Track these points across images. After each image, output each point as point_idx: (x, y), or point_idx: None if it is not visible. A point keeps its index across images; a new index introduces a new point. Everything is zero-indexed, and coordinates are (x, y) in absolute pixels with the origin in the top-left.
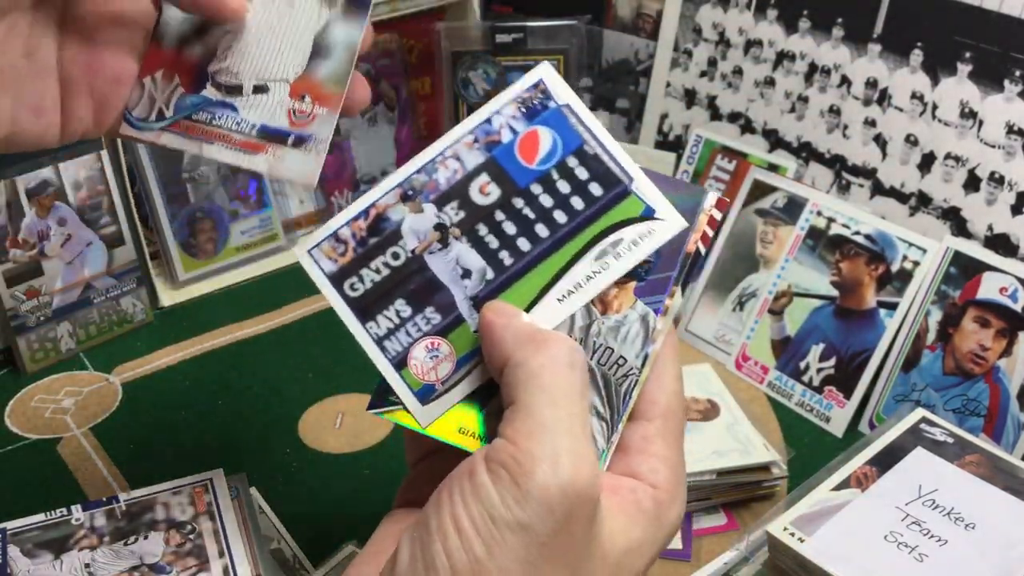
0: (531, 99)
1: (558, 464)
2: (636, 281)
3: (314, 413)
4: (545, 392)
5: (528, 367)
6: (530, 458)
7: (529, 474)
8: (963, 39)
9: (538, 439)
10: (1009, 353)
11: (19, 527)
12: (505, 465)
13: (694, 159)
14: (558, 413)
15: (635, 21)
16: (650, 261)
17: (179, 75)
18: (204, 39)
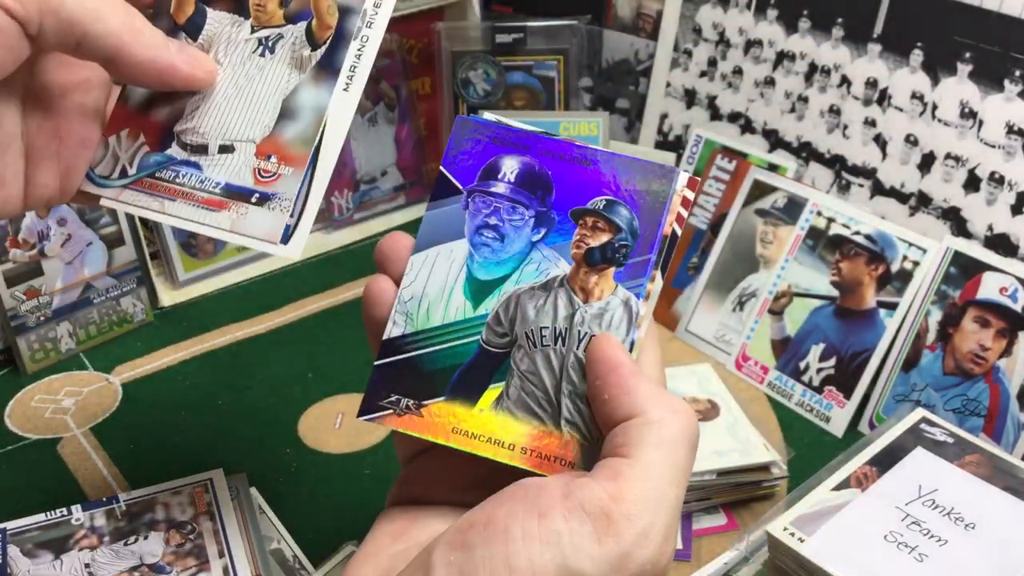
0: None
1: (650, 542)
2: (615, 267)
3: (314, 413)
4: (669, 466)
5: (664, 432)
6: (627, 522)
7: (618, 537)
8: (963, 39)
9: (644, 507)
10: (1009, 353)
11: (19, 527)
12: (593, 516)
13: (694, 159)
14: (672, 492)
15: (635, 21)
16: (628, 245)
17: (144, 134)
18: (172, 100)
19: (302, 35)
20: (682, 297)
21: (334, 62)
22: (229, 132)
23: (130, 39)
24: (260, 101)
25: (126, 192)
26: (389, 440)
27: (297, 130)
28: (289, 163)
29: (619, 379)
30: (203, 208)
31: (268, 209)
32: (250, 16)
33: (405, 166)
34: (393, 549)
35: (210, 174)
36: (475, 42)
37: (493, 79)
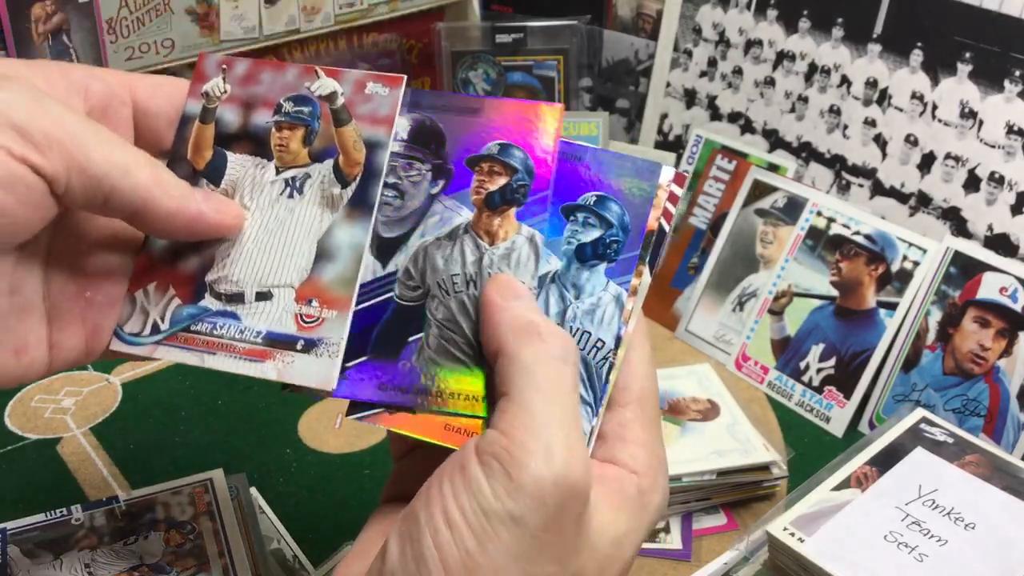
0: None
1: (552, 456)
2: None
3: (314, 413)
4: (539, 387)
5: (522, 361)
6: (523, 450)
7: (522, 466)
8: (963, 39)
9: (532, 432)
10: (1009, 353)
11: (19, 527)
12: (498, 457)
13: (694, 159)
14: (551, 408)
15: (635, 21)
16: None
17: (174, 286)
18: (200, 249)
19: (330, 173)
20: (682, 297)
21: (367, 198)
22: (265, 278)
23: (158, 192)
24: (294, 244)
25: (160, 348)
26: (389, 440)
27: (336, 271)
28: (331, 306)
29: (488, 317)
30: (245, 359)
31: (315, 356)
32: (273, 157)
33: None
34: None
35: (249, 323)
36: (475, 42)
37: (493, 79)
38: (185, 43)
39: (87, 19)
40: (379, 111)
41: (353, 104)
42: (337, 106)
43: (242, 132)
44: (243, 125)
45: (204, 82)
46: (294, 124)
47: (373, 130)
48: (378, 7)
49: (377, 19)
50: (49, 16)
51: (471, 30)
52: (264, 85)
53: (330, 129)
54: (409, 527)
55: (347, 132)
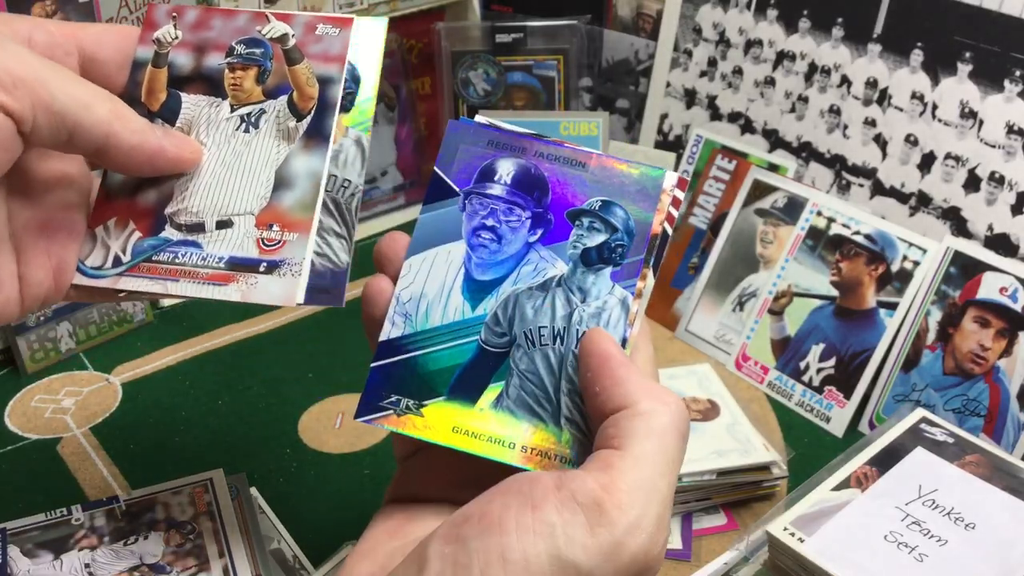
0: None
1: (643, 531)
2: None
3: (314, 413)
4: (660, 456)
5: (653, 423)
6: (619, 512)
7: (611, 527)
8: (963, 39)
9: (635, 498)
10: (1009, 353)
11: (19, 527)
12: (585, 508)
13: (694, 159)
14: (662, 482)
15: (635, 21)
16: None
17: (134, 221)
18: (158, 184)
19: (284, 108)
20: (682, 297)
21: (322, 129)
22: (225, 208)
23: (119, 126)
24: (252, 174)
25: (123, 279)
26: (389, 440)
27: (295, 197)
28: (292, 229)
29: (609, 371)
30: (209, 284)
31: (279, 275)
32: (227, 96)
33: (405, 166)
34: (389, 546)
35: (211, 250)
36: (475, 42)
37: (493, 79)
38: None
39: (87, 19)
40: (331, 49)
41: (304, 44)
42: (289, 47)
43: (195, 74)
44: (196, 68)
45: (155, 29)
46: (247, 64)
47: (325, 67)
48: (378, 7)
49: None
50: (49, 16)
51: (471, 30)
52: (215, 30)
53: (283, 68)
54: (456, 552)
55: (300, 70)
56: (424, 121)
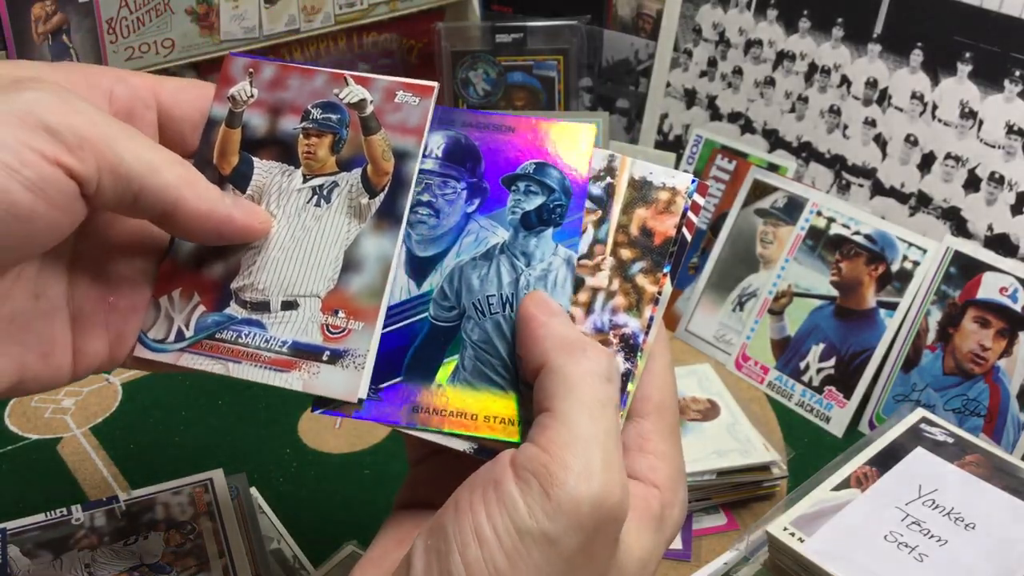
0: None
1: (592, 478)
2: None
3: (314, 413)
4: (583, 404)
5: (567, 376)
6: (564, 469)
7: (561, 485)
8: (963, 39)
9: (572, 450)
10: (1009, 353)
11: (19, 527)
12: (536, 474)
13: (694, 159)
14: (595, 427)
15: (635, 21)
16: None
17: (199, 293)
18: (225, 256)
19: (358, 182)
20: (682, 297)
21: (395, 209)
22: (291, 287)
23: (188, 192)
24: (320, 253)
25: (184, 356)
26: (389, 440)
27: (363, 282)
28: (358, 317)
29: (530, 332)
30: (271, 369)
31: (341, 367)
32: (300, 164)
33: None
34: (397, 553)
35: (275, 333)
36: (475, 42)
37: (493, 79)
38: (185, 43)
39: (87, 19)
40: (409, 121)
41: (382, 112)
42: (366, 114)
43: (269, 138)
44: (270, 131)
45: (230, 85)
46: (322, 131)
47: (402, 140)
48: (378, 7)
49: (377, 19)
50: (49, 16)
51: (471, 30)
52: (292, 90)
53: (358, 137)
54: (436, 541)
55: (376, 141)
56: None
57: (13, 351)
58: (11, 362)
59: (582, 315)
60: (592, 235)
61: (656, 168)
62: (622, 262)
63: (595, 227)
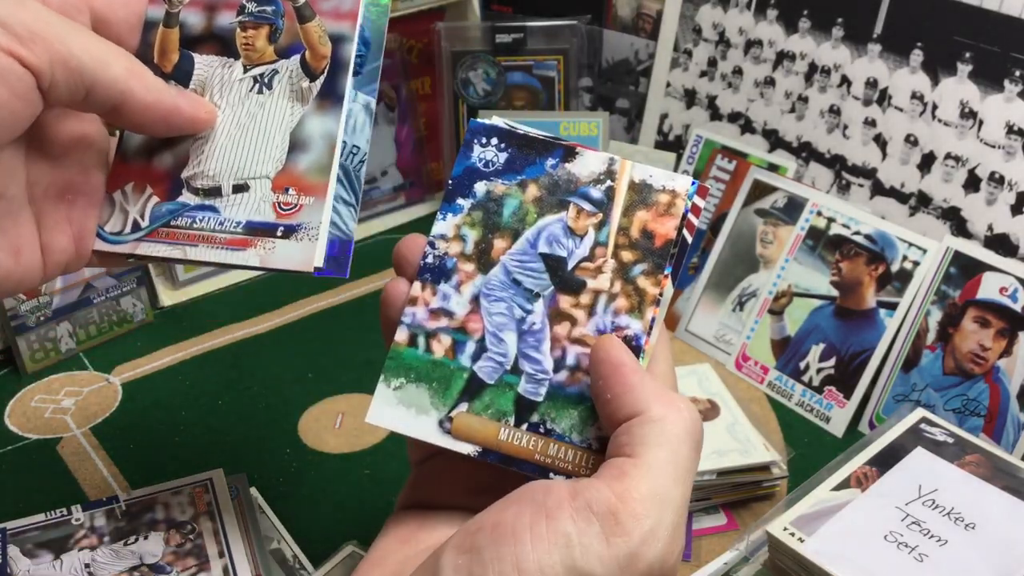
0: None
1: (658, 541)
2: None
3: (314, 413)
4: (673, 463)
5: (666, 430)
6: (634, 522)
7: (627, 537)
8: (963, 39)
9: (648, 507)
10: (1009, 353)
11: (19, 527)
12: (601, 518)
13: (694, 159)
14: (676, 491)
15: (635, 21)
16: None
17: (151, 185)
18: (173, 148)
19: (298, 68)
20: (682, 297)
21: (336, 88)
22: (240, 171)
23: (135, 84)
24: (267, 136)
25: (142, 244)
26: (389, 440)
27: (311, 160)
28: (308, 192)
29: (621, 378)
30: (227, 249)
31: (296, 240)
32: (239, 56)
33: (405, 166)
34: (402, 553)
35: (229, 215)
36: (475, 42)
37: (493, 79)
38: None
39: None
40: (342, 6)
41: (315, 1)
42: (300, 3)
43: (207, 34)
44: (207, 27)
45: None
46: (258, 23)
47: (337, 25)
48: None
49: None
50: None
51: (471, 30)
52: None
53: (294, 26)
54: (470, 561)
55: (312, 28)
56: (424, 121)
57: None
58: None
59: (584, 317)
60: (593, 238)
61: (656, 171)
62: (623, 264)
63: (596, 230)
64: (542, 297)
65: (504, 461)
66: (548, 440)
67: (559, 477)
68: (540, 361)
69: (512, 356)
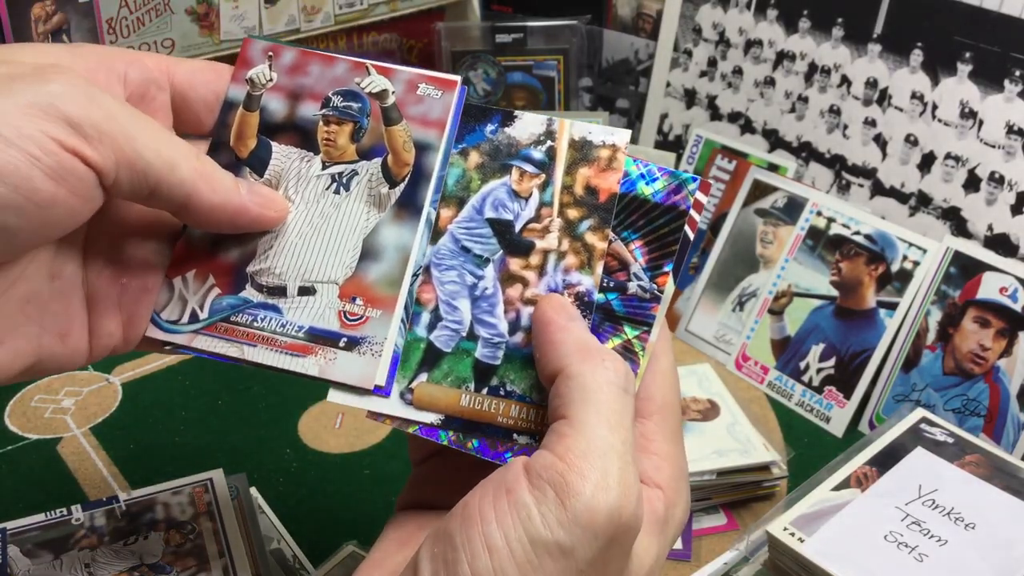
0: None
1: (609, 489)
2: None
3: (314, 413)
4: (602, 414)
5: (585, 384)
6: (581, 479)
7: (578, 495)
8: (963, 39)
9: (591, 461)
10: (1009, 353)
11: (19, 527)
12: (552, 483)
13: (694, 159)
14: (613, 437)
15: (635, 21)
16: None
17: (214, 276)
18: (241, 240)
19: (378, 172)
20: (682, 297)
21: (415, 199)
22: (308, 273)
23: (203, 186)
24: (339, 240)
25: (198, 338)
26: (389, 440)
27: (382, 271)
28: (376, 305)
29: (547, 336)
30: (287, 354)
31: (358, 354)
32: (319, 151)
33: None
34: (401, 555)
35: (292, 318)
36: (475, 42)
37: (493, 79)
38: (185, 43)
39: (87, 19)
40: (430, 113)
41: (404, 104)
42: (388, 104)
43: (287, 123)
44: (289, 116)
45: (248, 68)
46: (343, 119)
47: (424, 132)
48: (378, 7)
49: (377, 19)
50: (49, 16)
51: (471, 30)
52: (312, 77)
53: (379, 127)
54: (444, 549)
55: (397, 131)
56: None
57: (31, 332)
58: (29, 343)
59: (535, 278)
60: (538, 199)
61: (595, 127)
62: (570, 222)
63: (540, 191)
64: (492, 262)
65: (467, 427)
66: (509, 402)
67: (524, 437)
68: (495, 325)
69: (467, 323)
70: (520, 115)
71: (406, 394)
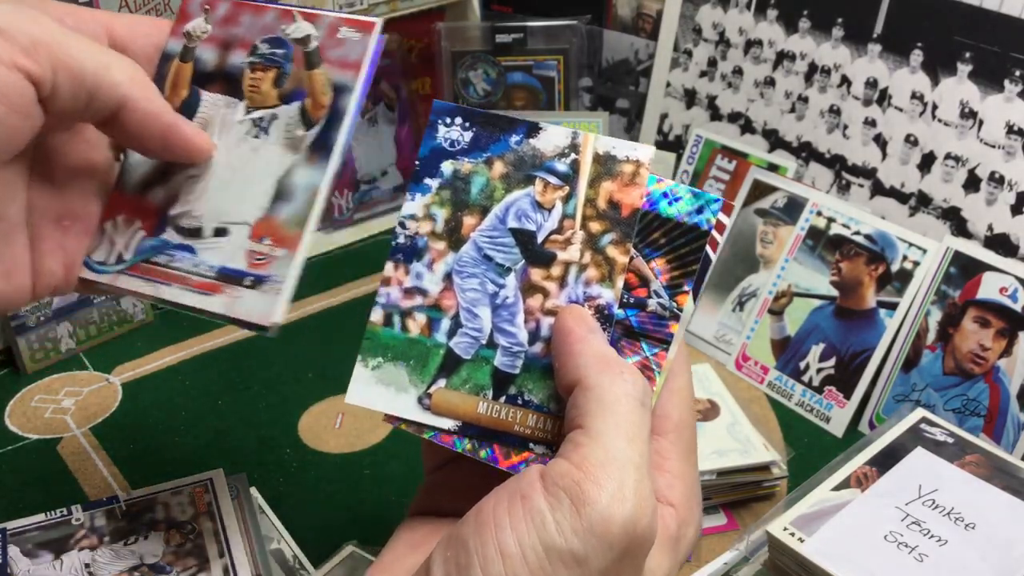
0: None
1: (625, 500)
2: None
3: (314, 413)
4: (620, 426)
5: (604, 395)
6: (597, 488)
7: (594, 504)
8: (963, 39)
9: (608, 471)
10: (1009, 353)
11: (19, 527)
12: (568, 491)
13: (694, 159)
14: (630, 449)
15: (635, 21)
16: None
17: (140, 219)
18: (167, 184)
19: (296, 115)
20: None
21: (328, 141)
22: (223, 215)
23: (137, 92)
24: (254, 182)
25: (121, 277)
26: (389, 440)
27: (291, 211)
28: (282, 244)
29: (566, 346)
30: (197, 292)
31: (262, 292)
32: (244, 97)
33: (405, 166)
34: (411, 560)
35: (204, 258)
36: (475, 42)
37: (493, 79)
38: None
39: None
40: (349, 55)
41: (325, 48)
42: (309, 49)
43: (218, 72)
44: (219, 65)
45: (187, 21)
46: (267, 66)
47: (342, 74)
48: (378, 7)
49: None
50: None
51: (471, 30)
52: (243, 26)
53: (301, 72)
54: (456, 554)
55: (317, 75)
56: (424, 122)
57: None
58: None
59: (556, 289)
60: (561, 210)
61: (619, 142)
62: (592, 235)
63: (563, 202)
64: (514, 271)
65: (484, 435)
66: (527, 411)
67: (540, 447)
68: (515, 334)
69: (487, 331)
70: (545, 127)
71: (424, 399)
